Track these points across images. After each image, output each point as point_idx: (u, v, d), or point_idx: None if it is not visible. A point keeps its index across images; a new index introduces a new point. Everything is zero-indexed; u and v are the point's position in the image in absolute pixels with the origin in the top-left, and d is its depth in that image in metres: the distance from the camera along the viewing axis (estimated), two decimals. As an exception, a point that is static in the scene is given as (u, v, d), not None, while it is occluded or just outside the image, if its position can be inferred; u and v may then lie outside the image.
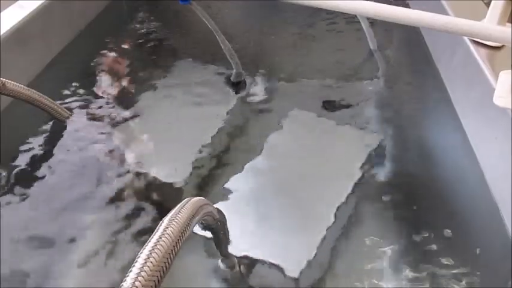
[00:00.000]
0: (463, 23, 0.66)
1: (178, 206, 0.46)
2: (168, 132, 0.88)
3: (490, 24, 0.78)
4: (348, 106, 0.93)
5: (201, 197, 0.50)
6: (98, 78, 1.01)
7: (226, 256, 0.65)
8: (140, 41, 1.16)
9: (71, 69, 1.03)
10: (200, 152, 0.83)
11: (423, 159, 0.81)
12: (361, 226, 0.70)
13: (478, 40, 0.84)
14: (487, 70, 0.78)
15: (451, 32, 0.66)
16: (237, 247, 0.67)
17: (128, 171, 0.78)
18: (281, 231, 0.70)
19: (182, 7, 0.88)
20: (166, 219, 0.44)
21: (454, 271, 0.63)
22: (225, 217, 0.58)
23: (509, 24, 0.80)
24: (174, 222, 0.43)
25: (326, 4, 0.73)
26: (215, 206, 0.53)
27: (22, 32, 0.93)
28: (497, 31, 0.65)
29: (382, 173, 0.78)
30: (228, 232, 0.61)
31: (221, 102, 0.95)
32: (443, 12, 0.99)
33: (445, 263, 0.64)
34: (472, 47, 0.84)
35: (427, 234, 0.68)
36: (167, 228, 0.42)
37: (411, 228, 0.69)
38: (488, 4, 0.91)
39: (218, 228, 0.57)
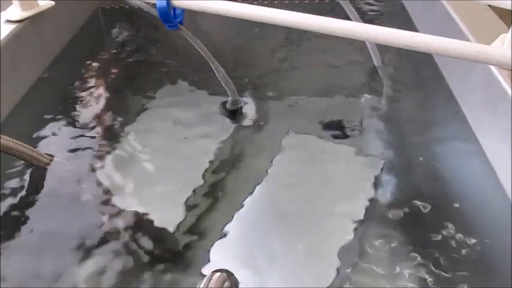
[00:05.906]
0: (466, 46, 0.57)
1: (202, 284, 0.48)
2: (160, 166, 0.81)
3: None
4: (350, 128, 0.87)
5: (222, 272, 0.52)
6: (77, 111, 0.92)
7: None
8: (123, 66, 1.07)
9: (47, 103, 0.94)
10: (195, 187, 0.76)
11: (440, 191, 0.74)
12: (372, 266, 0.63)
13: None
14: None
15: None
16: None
17: (117, 214, 0.71)
18: (288, 274, 0.64)
19: (168, 29, 0.79)
20: None
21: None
22: (237, 282, 0.57)
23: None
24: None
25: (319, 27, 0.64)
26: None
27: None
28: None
29: (391, 203, 0.72)
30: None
31: (216, 131, 0.87)
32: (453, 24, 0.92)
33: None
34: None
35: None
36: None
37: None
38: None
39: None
